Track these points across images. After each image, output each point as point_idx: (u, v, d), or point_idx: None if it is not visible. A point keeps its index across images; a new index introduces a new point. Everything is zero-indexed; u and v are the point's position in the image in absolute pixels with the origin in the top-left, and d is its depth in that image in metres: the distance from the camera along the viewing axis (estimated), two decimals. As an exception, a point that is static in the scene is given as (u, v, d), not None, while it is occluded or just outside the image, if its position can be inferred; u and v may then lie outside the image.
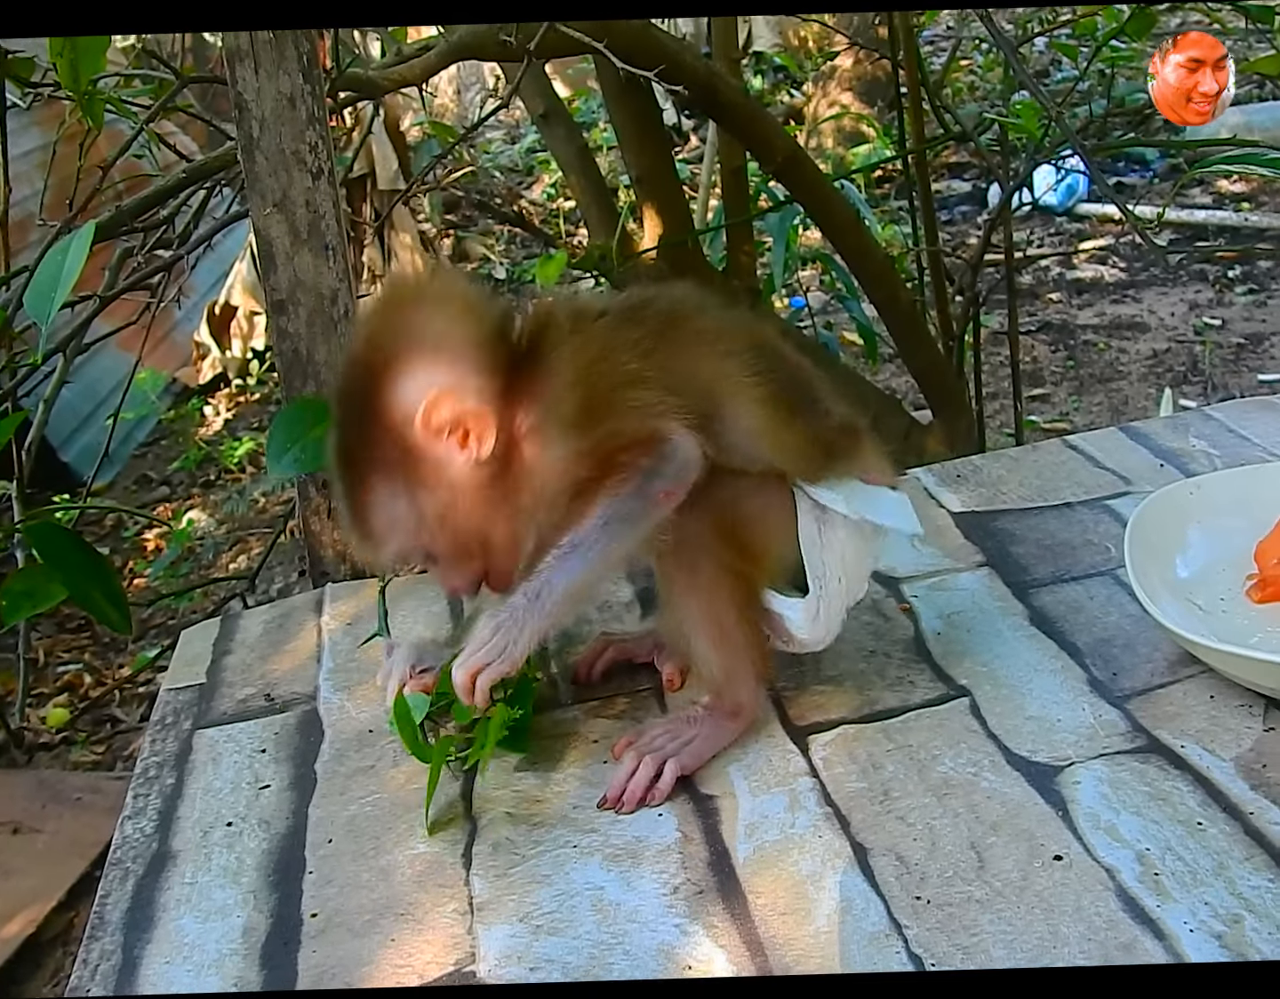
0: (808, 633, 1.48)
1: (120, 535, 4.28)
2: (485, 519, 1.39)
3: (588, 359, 1.37)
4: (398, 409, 1.34)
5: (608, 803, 1.40)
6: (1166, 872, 1.21)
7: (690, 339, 1.43)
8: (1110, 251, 5.52)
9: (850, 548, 1.48)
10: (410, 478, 1.36)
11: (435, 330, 1.37)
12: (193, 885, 1.36)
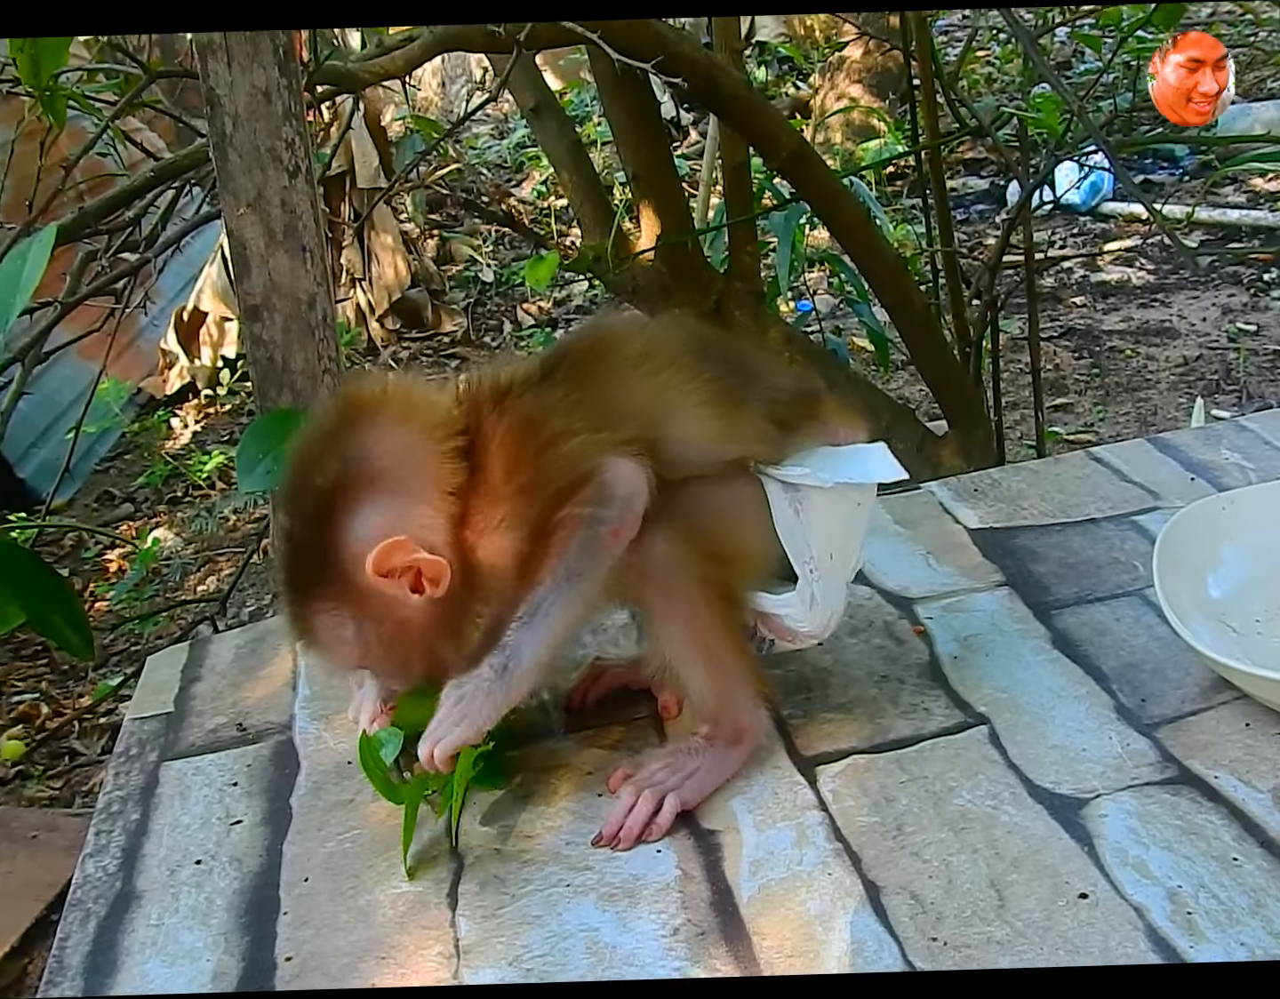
0: (808, 623, 1.49)
1: (81, 556, 4.27)
2: (433, 639, 1.42)
3: (515, 443, 1.40)
4: (347, 547, 1.36)
5: (603, 840, 1.40)
6: (1200, 910, 1.21)
7: (615, 371, 1.45)
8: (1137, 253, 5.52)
9: (835, 517, 1.49)
10: (358, 610, 1.39)
11: (393, 467, 1.39)
12: (159, 927, 1.36)
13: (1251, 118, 6.01)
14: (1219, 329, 4.75)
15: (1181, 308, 4.97)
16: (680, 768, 1.45)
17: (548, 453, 1.38)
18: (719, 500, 1.45)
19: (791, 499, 1.46)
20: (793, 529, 1.46)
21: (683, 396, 1.43)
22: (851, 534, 1.53)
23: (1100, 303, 5.12)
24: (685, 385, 1.44)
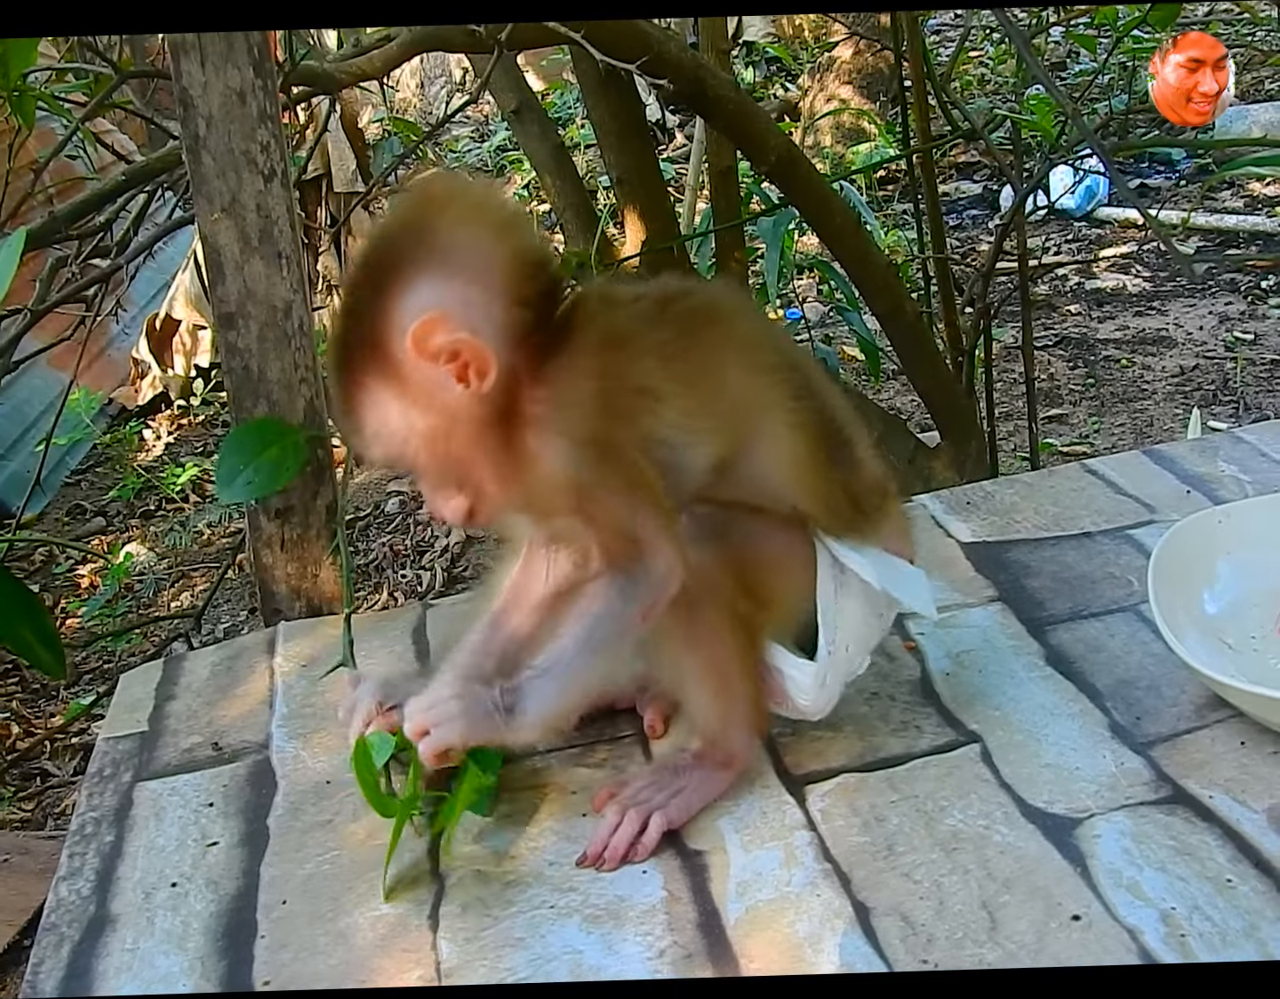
0: (810, 698, 1.50)
1: (52, 571, 4.27)
2: (474, 456, 1.39)
3: (610, 355, 1.38)
4: (391, 319, 1.34)
5: (588, 860, 1.41)
6: (1193, 932, 1.22)
7: (721, 345, 1.44)
8: (1133, 260, 5.53)
9: (862, 616, 1.51)
10: (399, 391, 1.36)
11: (457, 245, 1.35)
12: (134, 952, 1.36)
13: (1249, 120, 6.03)
14: (1216, 338, 4.77)
15: (1178, 316, 4.98)
16: (666, 785, 1.46)
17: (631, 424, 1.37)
18: (775, 544, 1.46)
19: (836, 577, 1.48)
20: (830, 606, 1.47)
21: (776, 410, 1.43)
22: (867, 638, 1.55)
23: (1095, 311, 5.13)
24: (782, 400, 1.44)
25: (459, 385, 1.34)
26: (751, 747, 1.50)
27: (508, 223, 1.39)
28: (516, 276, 1.36)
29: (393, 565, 3.90)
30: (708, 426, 1.40)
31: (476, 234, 1.36)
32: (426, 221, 1.36)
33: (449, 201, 1.38)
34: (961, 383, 3.07)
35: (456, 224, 1.36)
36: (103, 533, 4.52)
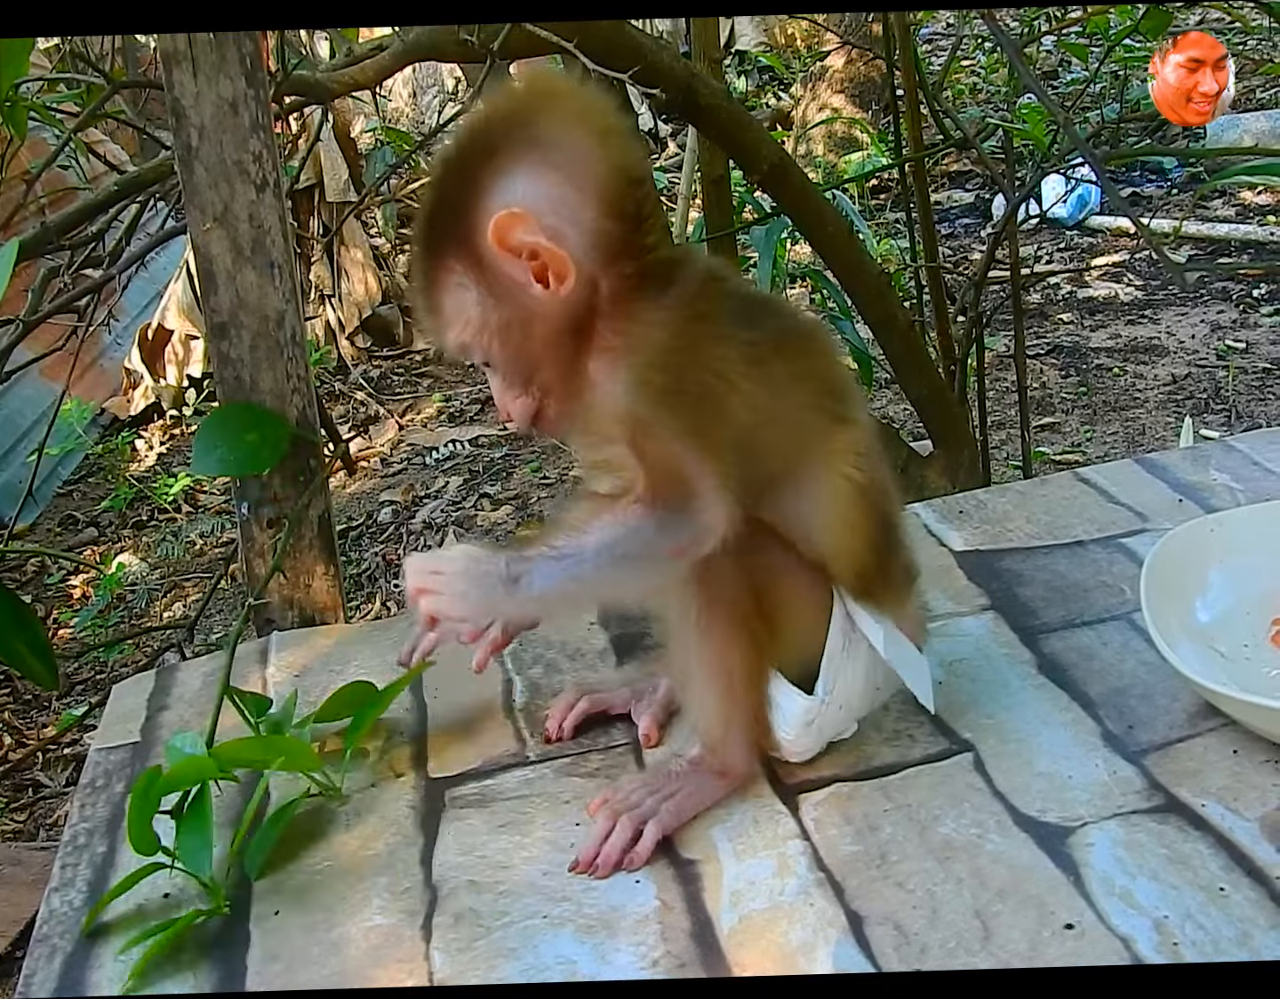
0: (794, 734, 1.49)
1: (44, 581, 4.27)
2: (545, 358, 1.38)
3: (699, 326, 1.36)
4: (477, 205, 1.33)
5: (580, 867, 1.41)
6: (1186, 941, 1.23)
7: (804, 375, 1.43)
8: (1125, 268, 5.55)
9: (862, 681, 1.51)
10: (477, 278, 1.35)
11: (555, 143, 1.33)
12: (126, 963, 1.36)
13: (1241, 129, 6.05)
14: (1208, 346, 4.78)
15: (1170, 324, 4.99)
16: (659, 790, 1.46)
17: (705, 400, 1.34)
18: (797, 580, 1.45)
19: (846, 633, 1.48)
20: (834, 657, 1.47)
21: (836, 459, 1.42)
22: (860, 705, 1.54)
23: (1087, 319, 5.14)
24: (845, 452, 1.43)
25: (537, 285, 1.33)
26: (750, 760, 1.50)
27: (611, 132, 1.36)
28: (612, 189, 1.34)
29: (385, 575, 3.90)
30: (766, 441, 1.39)
31: (577, 136, 1.34)
32: (529, 114, 1.34)
33: (556, 98, 1.36)
34: (954, 391, 3.07)
35: (559, 122, 1.34)
36: (95, 543, 4.53)
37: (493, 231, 1.31)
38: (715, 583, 1.40)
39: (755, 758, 1.50)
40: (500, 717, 1.69)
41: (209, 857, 1.41)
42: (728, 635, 1.43)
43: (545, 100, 1.36)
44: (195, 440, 1.90)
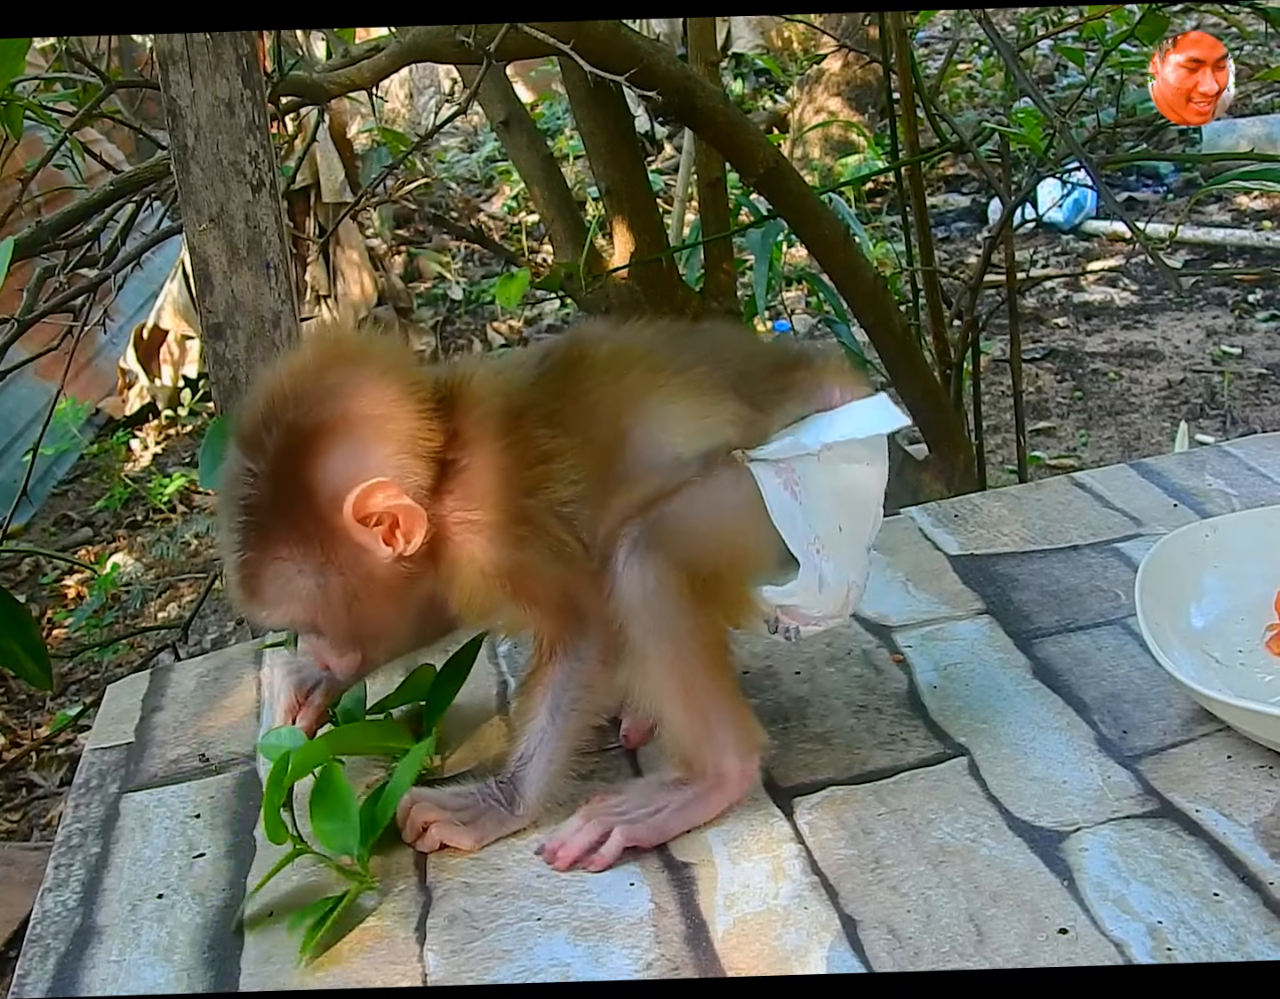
0: (819, 607, 1.46)
1: (38, 581, 4.27)
2: (389, 611, 1.42)
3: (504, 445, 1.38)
4: (326, 487, 1.34)
5: (545, 853, 1.42)
6: (1180, 947, 1.23)
7: (592, 376, 1.43)
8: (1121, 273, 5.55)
9: (838, 484, 1.45)
10: (322, 557, 1.36)
11: (380, 408, 1.36)
12: (120, 964, 1.36)
13: (1237, 134, 6.06)
14: (1203, 351, 4.79)
15: (1165, 329, 5.00)
16: (645, 803, 1.44)
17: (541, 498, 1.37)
18: (706, 508, 1.41)
19: (786, 479, 1.42)
20: (790, 512, 1.41)
21: (648, 395, 1.42)
22: (864, 498, 1.48)
23: (1083, 324, 5.15)
24: (651, 384, 1.42)
25: (386, 548, 1.35)
26: (746, 767, 1.45)
27: (402, 365, 1.40)
28: (424, 424, 1.37)
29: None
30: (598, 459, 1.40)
31: (388, 382, 1.37)
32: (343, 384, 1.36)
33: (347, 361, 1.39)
34: (949, 395, 3.08)
35: (372, 384, 1.37)
36: (90, 543, 4.53)
37: (354, 505, 1.32)
38: (649, 602, 1.38)
39: (751, 761, 1.46)
40: (494, 718, 1.69)
41: (354, 836, 1.40)
42: (676, 649, 1.39)
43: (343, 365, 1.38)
44: (202, 453, 1.89)
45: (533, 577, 1.40)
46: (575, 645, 1.42)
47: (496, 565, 1.38)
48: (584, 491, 1.38)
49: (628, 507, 1.39)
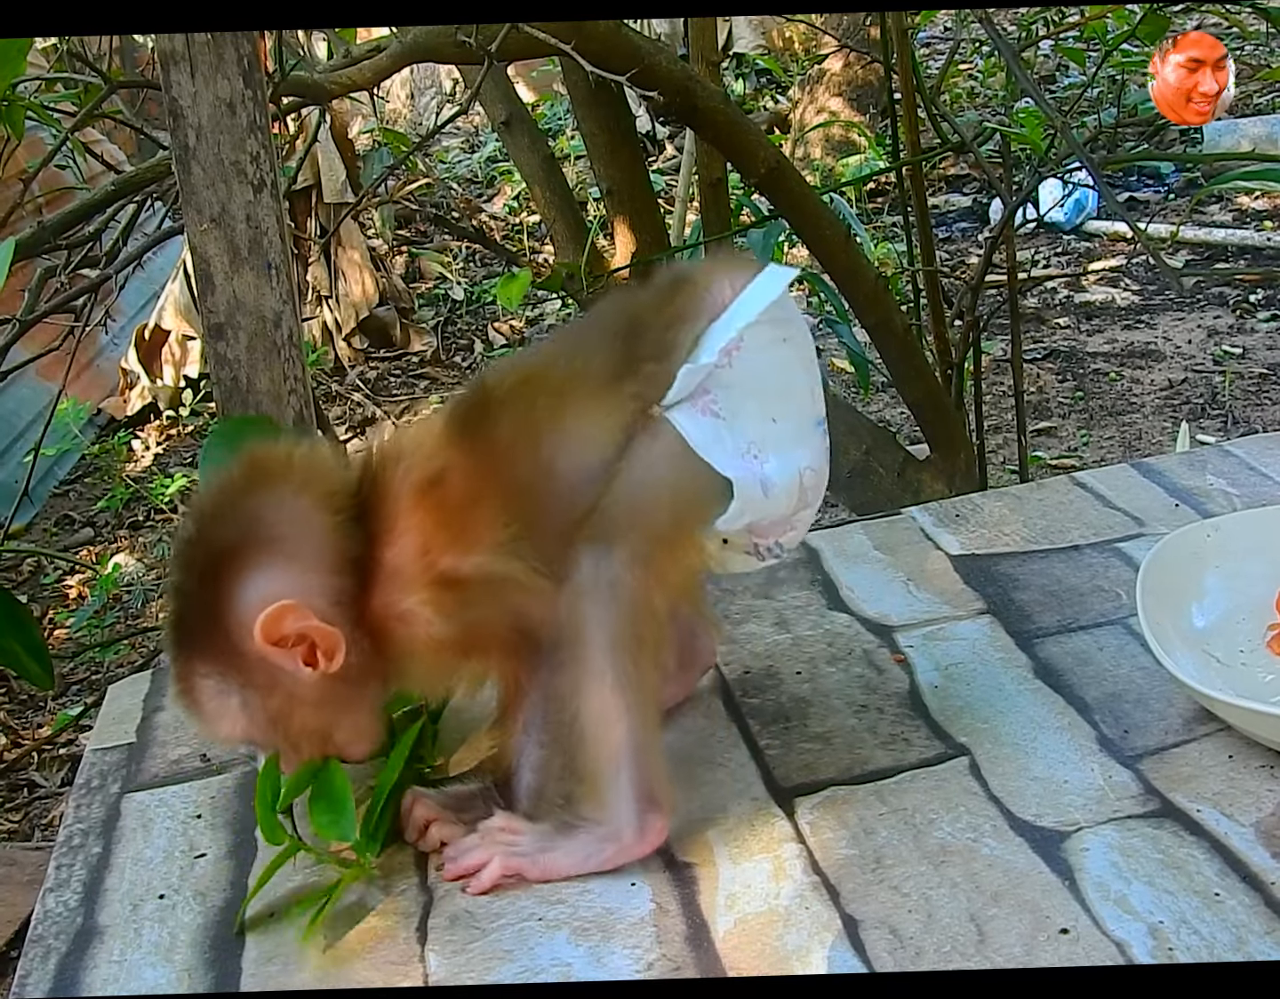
0: (775, 509, 1.40)
1: (40, 582, 4.27)
2: (327, 719, 1.39)
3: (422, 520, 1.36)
4: (235, 612, 1.32)
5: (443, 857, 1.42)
6: (1181, 947, 1.22)
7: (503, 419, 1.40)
8: (1122, 273, 5.55)
9: (759, 376, 1.38)
10: (243, 678, 1.34)
11: (289, 529, 1.35)
12: (121, 964, 1.36)
13: (1238, 134, 6.05)
14: (1204, 351, 4.78)
15: (1166, 329, 5.00)
16: (541, 838, 1.40)
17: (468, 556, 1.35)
18: (641, 482, 1.36)
19: (703, 405, 1.36)
20: (714, 435, 1.35)
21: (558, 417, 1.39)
22: (789, 377, 1.42)
23: (1084, 324, 5.15)
24: (558, 404, 1.39)
25: (306, 668, 1.33)
26: (645, 828, 1.37)
27: (328, 481, 1.38)
28: (340, 531, 1.35)
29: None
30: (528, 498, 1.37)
31: (305, 503, 1.35)
32: (251, 499, 1.36)
33: (271, 473, 1.38)
34: (951, 395, 3.08)
35: (283, 496, 1.36)
36: (91, 543, 4.53)
37: (261, 630, 1.30)
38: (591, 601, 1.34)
39: (651, 822, 1.38)
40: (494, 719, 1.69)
41: (350, 822, 1.38)
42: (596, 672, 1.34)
43: (264, 480, 1.37)
44: (202, 458, 1.88)
45: (484, 630, 1.38)
46: (539, 674, 1.39)
47: (444, 637, 1.35)
48: (519, 531, 1.35)
49: (579, 525, 1.36)
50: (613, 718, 1.35)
